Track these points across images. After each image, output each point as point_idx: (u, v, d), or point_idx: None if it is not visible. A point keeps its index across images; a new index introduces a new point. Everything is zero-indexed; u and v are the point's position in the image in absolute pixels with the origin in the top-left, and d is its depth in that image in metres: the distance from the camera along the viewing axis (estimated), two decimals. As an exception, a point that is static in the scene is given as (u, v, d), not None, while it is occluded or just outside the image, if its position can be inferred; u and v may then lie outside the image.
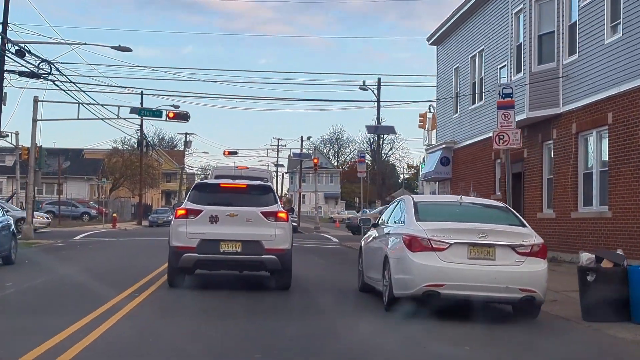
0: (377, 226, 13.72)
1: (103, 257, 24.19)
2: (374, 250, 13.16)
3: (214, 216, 14.85)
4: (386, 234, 12.34)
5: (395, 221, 12.49)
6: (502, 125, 17.05)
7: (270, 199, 15.63)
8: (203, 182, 16.87)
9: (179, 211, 15.41)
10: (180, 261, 14.79)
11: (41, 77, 37.61)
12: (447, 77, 35.61)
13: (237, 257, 14.80)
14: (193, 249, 14.71)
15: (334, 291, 15.38)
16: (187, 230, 14.83)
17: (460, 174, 33.40)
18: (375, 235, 13.34)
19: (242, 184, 16.25)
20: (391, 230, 12.16)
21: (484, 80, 30.11)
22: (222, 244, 14.69)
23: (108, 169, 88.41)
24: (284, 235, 14.97)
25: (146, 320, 11.44)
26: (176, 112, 35.98)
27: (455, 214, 11.88)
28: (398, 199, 13.44)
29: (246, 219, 14.93)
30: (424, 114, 47.10)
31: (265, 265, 14.90)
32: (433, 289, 10.78)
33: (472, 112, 31.68)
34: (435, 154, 36.46)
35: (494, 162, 28.94)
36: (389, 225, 12.73)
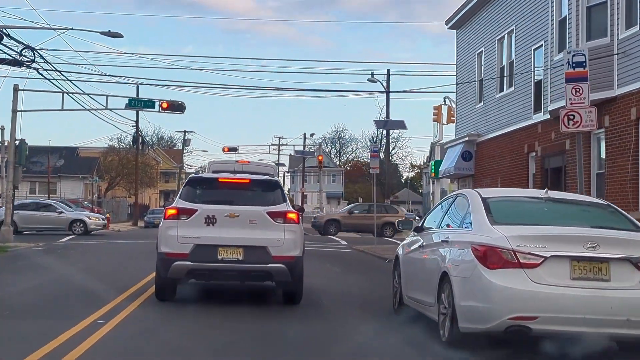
0: (422, 230, 10.45)
1: (83, 263, 20.95)
2: (420, 263, 9.91)
3: (210, 217, 12.30)
4: (442, 242, 9.04)
5: (454, 224, 9.24)
6: (572, 102, 13.76)
7: (277, 196, 12.89)
8: (198, 176, 13.71)
9: (169, 211, 12.61)
10: (170, 271, 12.16)
11: (24, 64, 34.56)
12: (469, 64, 32.34)
13: (239, 266, 12.23)
14: (185, 256, 12.14)
15: (360, 312, 12.19)
16: (178, 233, 12.26)
17: (485, 170, 30.13)
18: (422, 244, 10.07)
19: (245, 178, 13.34)
20: (450, 237, 8.88)
21: (514, 64, 26.84)
22: (220, 250, 12.24)
23: (104, 167, 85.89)
24: (294, 240, 12.35)
25: None
26: (170, 102, 32.73)
27: (542, 215, 8.64)
28: (453, 194, 10.12)
29: (249, 220, 12.33)
30: (438, 106, 43.97)
31: (272, 275, 12.34)
32: (521, 323, 7.51)
33: (499, 101, 28.41)
34: (455, 148, 33.19)
35: (526, 156, 25.69)
36: (444, 230, 9.48)
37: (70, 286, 14.89)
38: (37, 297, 13.19)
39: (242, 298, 13.55)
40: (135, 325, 10.38)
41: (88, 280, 15.94)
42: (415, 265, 10.12)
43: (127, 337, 9.58)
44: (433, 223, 10.22)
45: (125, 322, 10.46)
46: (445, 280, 8.47)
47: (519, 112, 26.13)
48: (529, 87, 25.25)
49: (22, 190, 79.86)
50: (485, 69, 30.24)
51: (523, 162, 25.95)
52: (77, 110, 36.28)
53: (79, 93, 33.74)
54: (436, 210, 10.47)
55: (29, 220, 39.06)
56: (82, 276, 17.02)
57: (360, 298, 13.94)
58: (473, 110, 31.75)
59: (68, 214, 40.51)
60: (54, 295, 13.57)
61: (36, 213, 39.60)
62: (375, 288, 15.51)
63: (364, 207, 50.83)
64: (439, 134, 59.44)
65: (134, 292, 13.75)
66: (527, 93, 25.48)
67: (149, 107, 33.21)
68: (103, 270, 18.46)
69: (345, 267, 22.02)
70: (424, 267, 9.59)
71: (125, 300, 12.54)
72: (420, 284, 9.70)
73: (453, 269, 8.30)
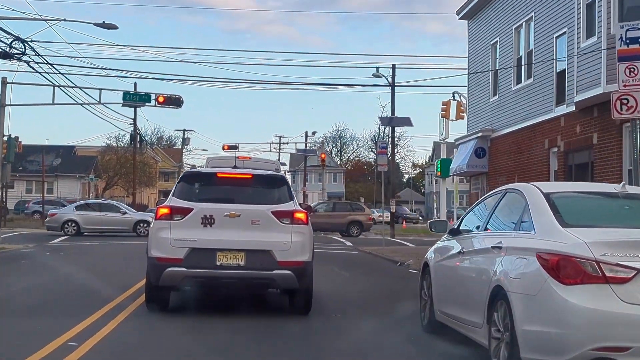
0: (459, 234, 8.74)
1: (71, 267, 19.25)
2: (461, 273, 8.18)
3: (208, 217, 10.86)
4: (492, 249, 7.29)
5: (505, 226, 7.52)
6: (625, 85, 12.00)
7: (283, 193, 11.41)
8: (193, 171, 12.08)
9: (161, 210, 11.09)
10: (162, 278, 10.68)
11: (14, 57, 32.92)
12: (482, 55, 30.63)
13: (240, 272, 10.85)
14: (179, 261, 10.73)
15: (378, 327, 10.50)
16: (171, 235, 10.81)
17: (500, 167, 28.43)
18: (462, 250, 8.36)
19: (247, 173, 11.78)
20: (504, 243, 7.13)
21: (533, 53, 25.11)
22: (219, 254, 10.81)
23: (101, 166, 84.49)
24: (302, 243, 10.90)
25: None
26: (167, 96, 31.03)
27: (623, 215, 6.96)
28: (500, 190, 8.34)
29: (252, 220, 10.84)
30: (447, 101, 42.11)
31: (278, 283, 10.91)
32: (608, 355, 5.80)
33: (516, 93, 26.70)
34: (467, 144, 31.48)
35: (547, 152, 23.97)
36: (492, 233, 7.75)
37: (49, 295, 13.23)
38: (11, 308, 11.53)
39: (241, 307, 11.86)
40: (116, 347, 8.68)
41: (70, 287, 14.30)
42: (453, 275, 8.40)
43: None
44: (474, 225, 8.50)
45: (103, 343, 8.75)
46: (500, 296, 6.76)
47: (539, 105, 24.43)
48: (551, 78, 23.54)
49: (17, 189, 78.61)
50: (500, 60, 28.53)
51: (543, 159, 24.24)
52: (68, 104, 34.60)
53: (71, 87, 32.06)
54: (477, 210, 8.73)
55: (91, 221, 37.90)
56: (65, 282, 15.39)
57: (376, 309, 12.25)
58: (486, 104, 30.04)
59: (132, 214, 39.41)
60: (27, 305, 11.91)
61: (99, 214, 38.30)
62: (392, 297, 13.83)
63: (329, 205, 49.25)
64: (444, 132, 57.69)
65: (121, 301, 12.09)
66: (548, 84, 23.77)
67: (145, 101, 31.57)
68: (89, 275, 16.76)
69: (354, 270, 20.32)
70: (467, 278, 7.88)
71: (108, 313, 10.87)
72: (461, 299, 7.99)
73: (511, 283, 6.56)
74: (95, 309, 11.10)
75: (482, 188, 30.82)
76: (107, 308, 11.34)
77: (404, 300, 12.83)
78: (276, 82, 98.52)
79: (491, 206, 8.11)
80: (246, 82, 48.36)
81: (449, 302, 8.56)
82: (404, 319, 10.88)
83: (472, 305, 7.55)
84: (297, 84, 72.59)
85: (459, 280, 8.14)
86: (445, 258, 8.90)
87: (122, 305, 11.70)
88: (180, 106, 31.32)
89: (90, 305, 11.40)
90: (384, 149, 30.23)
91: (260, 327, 10.38)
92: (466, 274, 7.90)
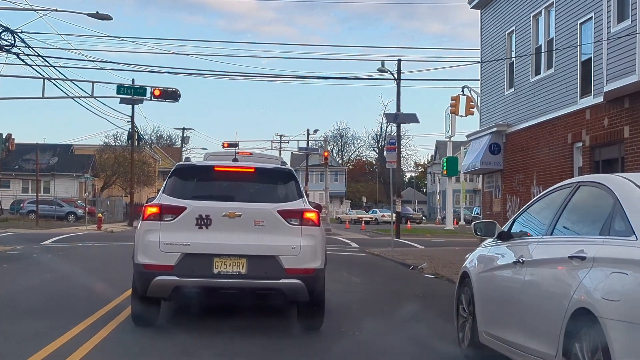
0: (511, 238, 7.09)
1: (56, 272, 17.64)
2: (520, 288, 6.46)
3: (203, 217, 9.34)
4: (570, 259, 5.56)
5: (586, 231, 5.83)
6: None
7: (291, 190, 9.84)
8: (187, 164, 10.39)
9: (149, 209, 9.53)
10: (150, 288, 9.15)
11: (3, 49, 31.36)
12: (497, 46, 28.96)
13: (240, 281, 9.27)
14: (170, 268, 9.17)
15: (409, 349, 8.85)
16: (161, 239, 9.27)
17: (517, 164, 26.77)
18: (520, 259, 6.60)
19: (248, 166, 10.17)
20: (588, 252, 5.37)
21: (554, 41, 23.44)
22: (216, 261, 9.26)
23: (99, 165, 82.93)
24: (313, 248, 9.37)
25: None
26: (163, 89, 29.37)
27: None
28: (570, 183, 6.61)
29: (255, 221, 9.37)
30: (456, 97, 40.64)
31: (285, 293, 9.41)
32: None
33: (535, 85, 25.04)
34: (480, 141, 29.80)
35: (571, 147, 22.31)
36: (565, 238, 6.06)
37: (24, 303, 11.59)
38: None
39: (242, 317, 10.22)
40: None
41: (51, 295, 12.64)
42: (508, 290, 6.70)
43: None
44: (533, 228, 6.84)
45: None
46: (585, 322, 5.10)
47: (561, 97, 22.77)
48: (575, 68, 21.87)
49: (13, 189, 77.05)
50: (516, 51, 26.86)
51: (566, 154, 22.58)
52: (59, 98, 32.96)
53: (62, 79, 30.36)
54: (536, 209, 7.01)
55: None
56: (46, 289, 13.74)
57: (398, 324, 10.59)
58: (501, 98, 28.37)
59: None
60: (14, 312, 10.29)
61: None
62: (414, 308, 12.19)
63: None
64: (451, 129, 56.16)
65: (104, 314, 10.44)
66: (571, 74, 22.10)
67: (140, 95, 29.91)
68: (75, 281, 15.13)
69: (365, 276, 18.66)
70: (530, 295, 6.20)
71: (90, 328, 9.24)
72: (521, 321, 6.33)
73: (604, 307, 4.88)
74: (74, 323, 9.47)
75: (495, 186, 29.18)
76: (90, 321, 9.72)
77: (428, 313, 11.22)
78: (276, 76, 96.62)
79: (558, 204, 6.41)
80: (245, 75, 46.57)
81: (500, 323, 6.90)
82: (434, 338, 9.24)
83: (538, 330, 5.90)
84: (298, 77, 70.53)
85: (517, 297, 6.46)
86: (494, 268, 7.23)
87: (96, 325, 10.05)
88: (177, 100, 29.69)
89: (61, 326, 9.76)
90: (393, 144, 28.52)
91: (262, 344, 8.75)
92: (529, 290, 6.22)
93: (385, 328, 10.21)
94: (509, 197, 27.43)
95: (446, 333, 9.14)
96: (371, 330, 9.98)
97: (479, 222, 7.53)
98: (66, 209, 66.57)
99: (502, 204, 28.20)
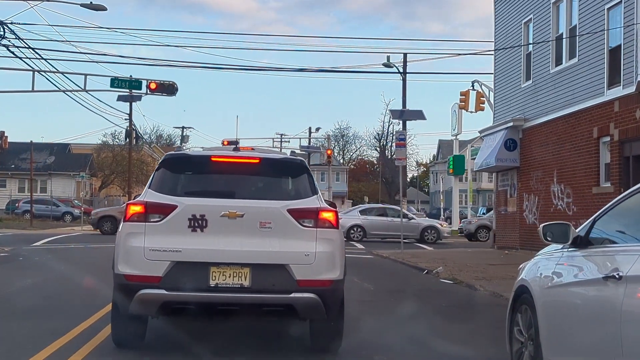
0: (589, 245, 5.52)
1: (38, 277, 16.10)
2: (611, 312, 4.81)
3: (198, 217, 7.69)
4: None
5: None
6: None
7: (304, 185, 8.20)
8: (178, 154, 8.77)
9: (132, 208, 7.91)
10: (133, 304, 7.61)
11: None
12: (512, 37, 27.39)
13: (243, 296, 7.63)
14: (157, 280, 7.52)
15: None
16: (146, 244, 7.62)
17: (535, 161, 25.21)
18: (614, 273, 4.79)
19: (253, 156, 8.48)
20: None
21: (577, 28, 21.87)
22: (213, 270, 7.61)
23: (97, 164, 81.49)
24: (331, 255, 7.79)
25: None
26: (159, 82, 27.79)
27: None
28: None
29: (260, 222, 7.73)
30: (465, 91, 39.05)
31: (297, 310, 7.74)
32: None
33: (555, 77, 23.48)
34: (494, 136, 28.22)
35: (596, 142, 20.76)
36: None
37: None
38: None
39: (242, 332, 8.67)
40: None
41: (25, 307, 11.08)
42: (593, 313, 5.12)
43: None
44: (625, 233, 5.25)
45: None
46: None
47: (586, 88, 21.22)
48: (601, 56, 20.30)
49: (9, 188, 75.57)
50: (535, 40, 25.28)
51: (591, 150, 21.02)
52: (50, 91, 31.50)
53: (52, 72, 28.78)
54: (626, 210, 5.36)
55: (377, 226, 36.19)
56: (21, 299, 12.17)
57: (430, 346, 8.97)
58: (518, 91, 26.80)
59: (420, 220, 37.93)
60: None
61: (384, 219, 36.65)
62: (444, 324, 10.62)
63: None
64: (457, 127, 54.53)
65: (80, 333, 8.87)
66: (598, 64, 20.53)
67: (135, 88, 28.36)
68: (55, 290, 13.58)
69: (377, 281, 17.07)
70: (632, 321, 4.60)
71: (59, 353, 7.68)
72: (611, 354, 4.74)
73: None
74: (41, 346, 7.90)
75: (511, 184, 27.62)
76: (61, 342, 8.15)
77: (460, 327, 9.67)
78: (278, 69, 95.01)
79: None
80: (245, 68, 44.96)
81: (582, 354, 5.32)
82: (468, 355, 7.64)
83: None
84: (300, 70, 68.55)
85: (607, 323, 4.87)
86: (570, 284, 5.64)
87: (68, 349, 8.48)
88: (174, 93, 28.13)
89: (26, 351, 8.19)
90: (403, 140, 26.91)
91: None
92: (629, 316, 4.62)
93: (416, 351, 8.61)
94: (526, 195, 25.86)
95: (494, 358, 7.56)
96: (400, 355, 8.39)
97: (550, 225, 5.93)
98: (62, 208, 65.06)
99: (518, 203, 26.62)
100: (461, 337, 9.46)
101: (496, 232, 29.51)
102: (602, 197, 20.08)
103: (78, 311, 10.49)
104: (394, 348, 8.72)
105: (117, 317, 7.97)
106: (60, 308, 11.08)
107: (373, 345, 8.78)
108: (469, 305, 13.17)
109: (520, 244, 25.77)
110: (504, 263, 21.52)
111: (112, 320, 8.15)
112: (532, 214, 25.12)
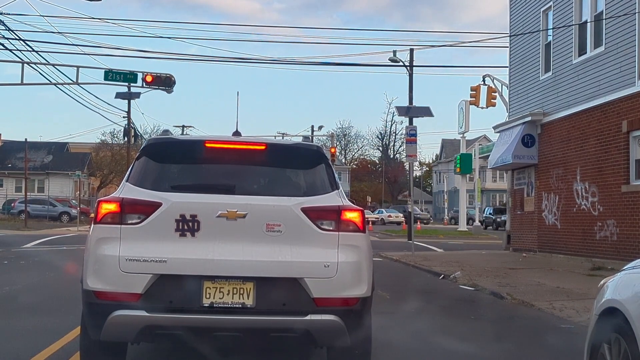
0: None
1: (17, 284, 14.62)
2: None
3: (188, 218, 6.02)
4: None
5: None
6: None
7: (321, 177, 6.57)
8: (163, 139, 7.01)
9: (104, 206, 6.17)
10: (106, 328, 5.93)
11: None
12: (529, 26, 25.84)
13: (245, 319, 5.94)
14: (136, 298, 5.87)
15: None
16: (121, 252, 5.97)
17: (555, 158, 23.66)
18: None
19: (257, 142, 6.79)
20: None
21: (604, 14, 20.33)
22: (207, 286, 5.94)
23: (95, 163, 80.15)
24: (357, 265, 6.21)
25: None
26: (156, 75, 26.28)
27: None
28: None
29: (267, 224, 6.06)
30: (476, 86, 37.51)
31: (314, 336, 6.03)
32: None
33: (579, 67, 21.94)
34: (510, 132, 26.68)
35: (626, 136, 19.23)
36: None
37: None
38: None
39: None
40: None
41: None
42: None
43: None
44: None
45: None
46: None
47: (614, 79, 19.68)
48: (632, 44, 18.78)
49: (6, 188, 74.07)
50: (555, 30, 23.73)
51: (620, 145, 19.47)
52: (40, 84, 30.05)
53: (43, 63, 27.26)
54: None
55: None
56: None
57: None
58: (536, 83, 25.25)
59: None
60: None
61: None
62: (484, 342, 9.07)
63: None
64: (464, 125, 52.97)
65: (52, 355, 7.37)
66: (627, 52, 19.00)
67: (130, 81, 26.86)
68: (30, 301, 12.07)
69: (392, 288, 15.48)
70: None
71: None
72: None
73: None
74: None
75: (528, 183, 26.07)
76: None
77: (507, 347, 8.07)
78: (280, 62, 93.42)
79: None
80: (246, 60, 43.44)
81: None
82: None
83: None
84: (306, 63, 66.76)
85: None
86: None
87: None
88: (172, 87, 26.63)
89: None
90: (414, 136, 25.38)
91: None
92: None
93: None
94: (545, 195, 24.31)
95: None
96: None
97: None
98: (59, 208, 63.65)
99: (536, 202, 25.08)
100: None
101: (511, 233, 27.95)
102: (633, 197, 18.57)
103: (46, 330, 8.96)
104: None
105: (87, 346, 6.37)
106: (25, 328, 9.57)
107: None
108: (500, 319, 11.66)
109: (539, 246, 24.21)
110: (525, 267, 20.02)
111: (80, 350, 6.53)
112: (552, 214, 23.58)
